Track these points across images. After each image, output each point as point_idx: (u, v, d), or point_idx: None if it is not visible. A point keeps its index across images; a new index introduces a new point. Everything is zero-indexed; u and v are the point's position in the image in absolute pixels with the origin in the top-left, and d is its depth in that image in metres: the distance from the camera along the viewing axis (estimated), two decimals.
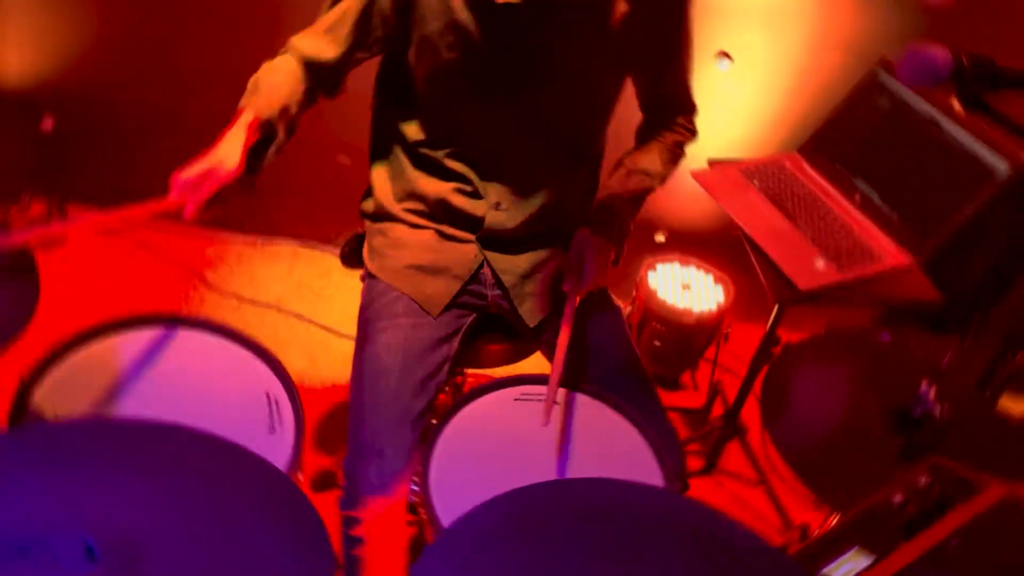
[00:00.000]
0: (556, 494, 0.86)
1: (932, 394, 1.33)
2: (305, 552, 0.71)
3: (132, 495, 0.75)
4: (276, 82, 1.54)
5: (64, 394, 1.35)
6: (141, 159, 2.90)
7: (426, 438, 1.46)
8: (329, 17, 1.56)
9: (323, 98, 1.62)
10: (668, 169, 1.72)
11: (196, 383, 1.42)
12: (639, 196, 1.70)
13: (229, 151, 1.44)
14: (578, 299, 1.57)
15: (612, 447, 1.48)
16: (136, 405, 1.36)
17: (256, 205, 2.95)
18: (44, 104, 2.79)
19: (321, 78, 1.59)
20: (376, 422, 1.52)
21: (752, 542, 0.90)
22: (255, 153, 1.53)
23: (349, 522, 1.52)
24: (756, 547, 0.90)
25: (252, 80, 1.55)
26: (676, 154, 1.73)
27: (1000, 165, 1.78)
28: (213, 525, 0.74)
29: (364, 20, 1.54)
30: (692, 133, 1.75)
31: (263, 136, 1.52)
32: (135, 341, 1.47)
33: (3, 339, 1.16)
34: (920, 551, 1.02)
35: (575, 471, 1.40)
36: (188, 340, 1.49)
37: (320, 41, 1.56)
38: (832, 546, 1.10)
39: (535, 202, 1.65)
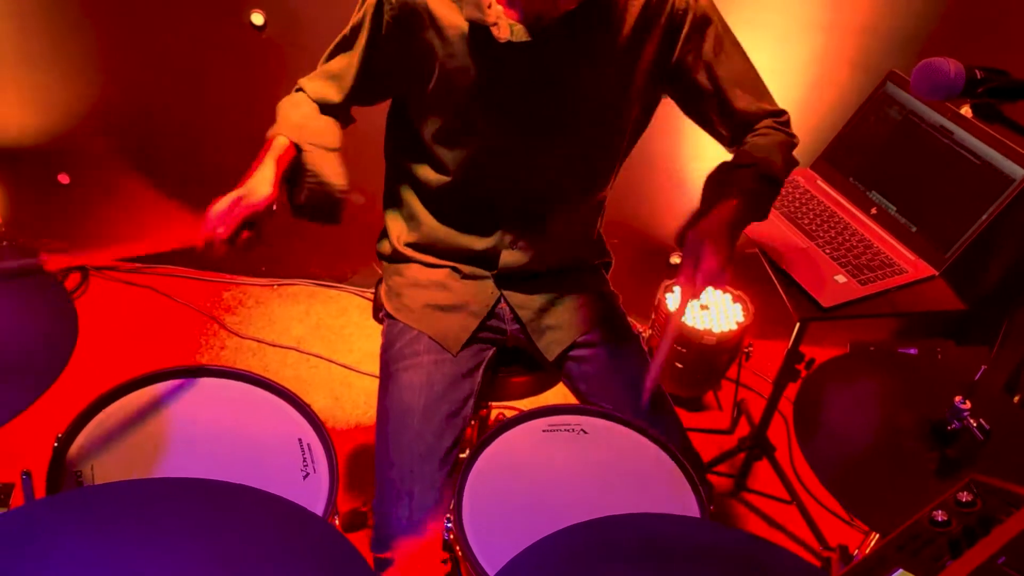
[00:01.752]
0: (596, 533, 0.85)
1: (967, 408, 1.32)
2: None
3: (179, 555, 0.75)
4: (302, 111, 1.57)
5: (99, 448, 1.36)
6: (153, 212, 2.94)
7: (457, 474, 1.45)
8: (333, 66, 1.58)
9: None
10: (776, 156, 1.55)
11: (230, 432, 1.42)
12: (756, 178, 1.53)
13: (261, 180, 1.45)
14: (690, 299, 1.43)
15: (644, 474, 1.47)
16: (173, 457, 1.36)
17: (269, 249, 2.99)
18: (60, 160, 2.83)
19: (334, 114, 1.62)
20: (403, 462, 1.52)
21: (798, 566, 0.90)
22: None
23: (381, 564, 1.51)
24: (805, 570, 0.89)
25: (278, 111, 1.58)
26: (786, 145, 1.58)
27: (1015, 170, 1.78)
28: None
29: (366, 72, 1.56)
30: (789, 135, 1.61)
31: (293, 165, 1.54)
32: (167, 392, 1.47)
33: (44, 381, 1.17)
34: (968, 570, 1.01)
35: (606, 499, 1.40)
36: (218, 389, 1.50)
37: (326, 85, 1.59)
38: (876, 568, 1.08)
39: (549, 239, 1.65)
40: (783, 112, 1.63)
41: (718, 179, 1.56)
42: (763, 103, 1.59)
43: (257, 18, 2.48)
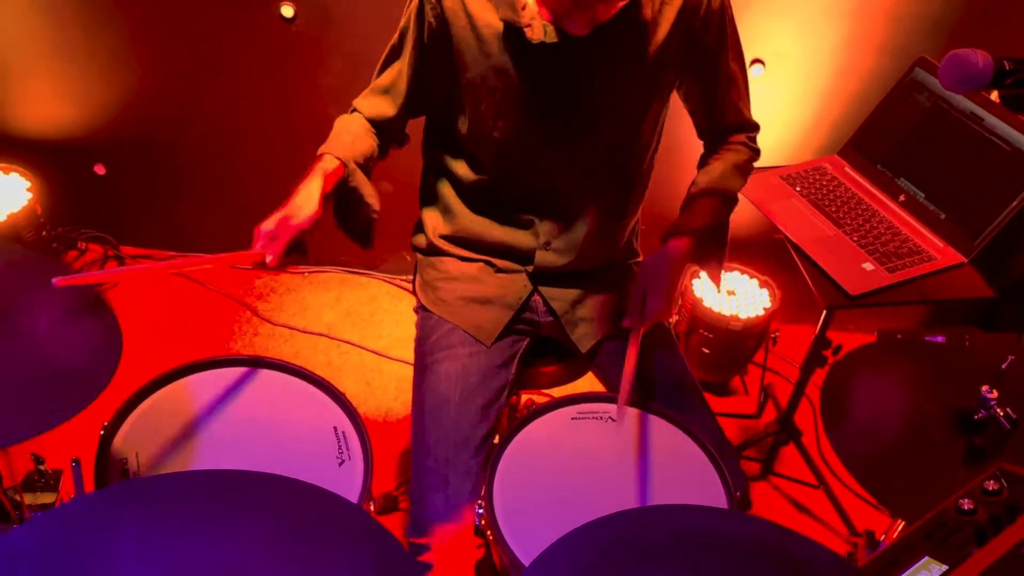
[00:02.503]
0: (626, 524, 0.88)
1: (994, 397, 1.33)
2: None
3: (227, 544, 0.79)
4: (353, 132, 1.60)
5: (143, 438, 1.40)
6: (188, 201, 2.99)
7: (488, 461, 1.49)
8: (384, 79, 1.61)
9: (394, 149, 1.70)
10: (736, 182, 1.69)
11: (267, 421, 1.47)
12: (718, 208, 1.68)
13: (306, 199, 1.49)
14: (640, 334, 1.57)
15: (671, 461, 1.50)
16: (212, 446, 1.41)
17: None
18: (97, 151, 2.88)
19: (389, 131, 1.66)
20: (439, 451, 1.56)
21: (828, 558, 0.92)
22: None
23: (418, 549, 1.55)
24: (832, 562, 0.91)
25: (333, 128, 1.61)
26: (743, 169, 1.71)
27: None
28: (312, 568, 0.77)
29: (417, 77, 1.59)
30: (755, 152, 1.73)
31: (340, 186, 1.58)
32: (205, 382, 1.52)
33: (94, 388, 1.22)
34: (994, 558, 1.02)
35: (634, 486, 1.43)
36: (256, 379, 1.54)
37: (379, 101, 1.62)
38: (903, 556, 1.10)
39: (584, 240, 1.67)
40: (757, 126, 1.73)
41: (683, 208, 1.69)
42: (746, 114, 1.70)
43: (287, 10, 2.51)
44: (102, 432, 1.38)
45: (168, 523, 0.80)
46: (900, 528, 1.55)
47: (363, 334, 2.85)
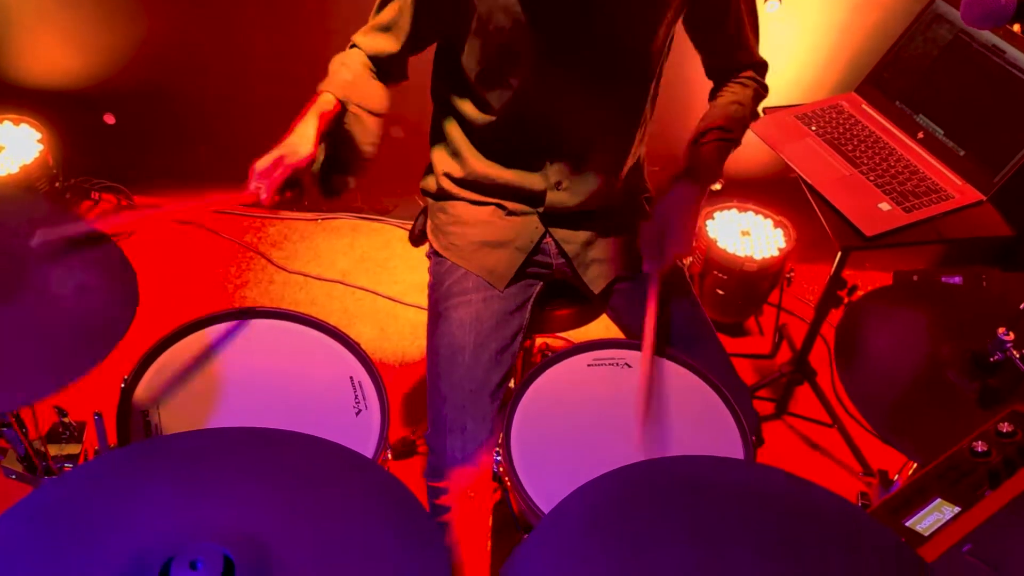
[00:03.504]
0: (642, 475, 0.89)
1: (1010, 339, 1.32)
2: (419, 547, 0.76)
3: (249, 501, 0.80)
4: (353, 70, 1.58)
5: (163, 391, 1.42)
6: (199, 148, 2.98)
7: (505, 408, 1.50)
8: (385, 15, 1.58)
9: (391, 86, 1.66)
10: (745, 111, 1.67)
11: (286, 372, 1.48)
12: (728, 128, 1.65)
13: (302, 138, 1.48)
14: (660, 277, 1.57)
15: (687, 407, 1.50)
16: (232, 398, 1.43)
17: (312, 182, 3.03)
18: (106, 101, 2.87)
19: (388, 70, 1.63)
20: (456, 398, 1.57)
21: (836, 504, 0.93)
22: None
23: (435, 492, 1.58)
24: (841, 508, 0.92)
25: (330, 67, 1.59)
26: (755, 99, 1.70)
27: None
28: (330, 524, 0.79)
29: (419, 14, 1.55)
30: (763, 87, 1.71)
31: (336, 123, 1.56)
32: (223, 335, 1.53)
33: (111, 340, 1.23)
34: (1006, 499, 1.03)
35: (650, 433, 1.44)
36: (273, 330, 1.55)
37: (381, 38, 1.59)
38: (915, 497, 1.11)
39: (595, 179, 1.65)
40: (766, 64, 1.71)
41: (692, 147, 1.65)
42: (756, 52, 1.68)
43: None
44: (123, 385, 1.40)
45: (189, 481, 0.82)
46: (914, 468, 1.56)
47: (377, 280, 2.86)
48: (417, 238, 1.88)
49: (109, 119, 2.90)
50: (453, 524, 1.60)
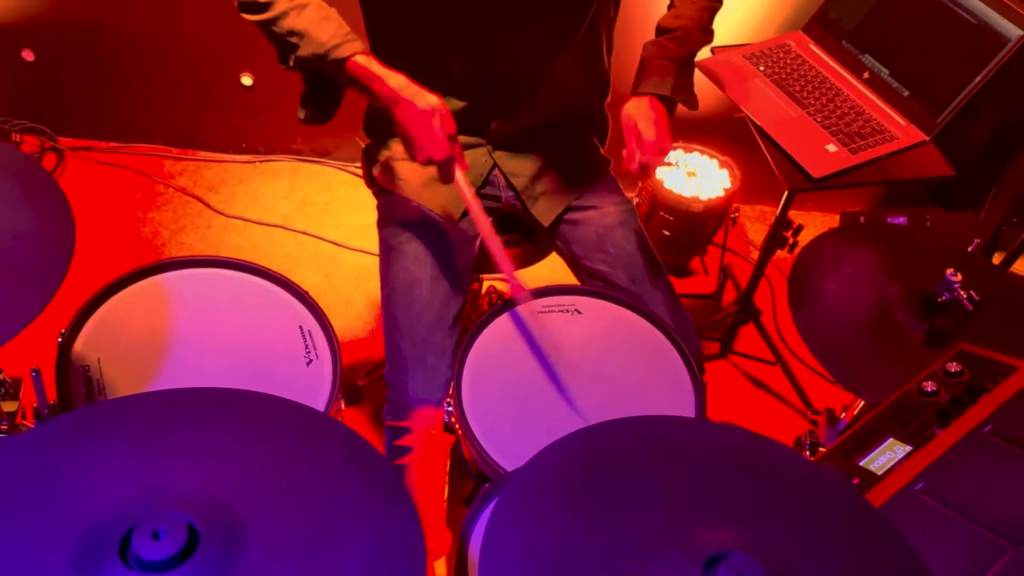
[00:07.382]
0: (597, 438, 0.88)
1: (958, 280, 1.34)
2: (387, 505, 0.74)
3: (207, 465, 0.77)
4: (327, 10, 1.48)
5: (104, 343, 1.37)
6: (124, 87, 2.84)
7: (454, 358, 1.49)
8: None
9: None
10: (703, 21, 1.64)
11: (232, 323, 1.43)
12: (689, 32, 1.62)
13: (416, 92, 1.41)
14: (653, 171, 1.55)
15: (636, 351, 1.51)
16: (178, 350, 1.38)
17: (248, 122, 2.91)
18: (25, 37, 2.70)
19: None
20: (415, 333, 1.56)
21: (789, 457, 0.94)
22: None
23: (396, 432, 1.57)
24: (795, 462, 0.94)
25: (306, 23, 1.46)
26: (709, 9, 1.66)
27: (1011, 30, 1.75)
28: (291, 483, 0.76)
29: None
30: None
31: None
32: (165, 284, 1.47)
33: (48, 289, 1.16)
34: (956, 438, 1.06)
35: (600, 381, 1.44)
36: (217, 279, 1.50)
37: None
38: (867, 438, 1.14)
39: (541, 98, 1.62)
40: None
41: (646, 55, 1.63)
42: None
43: None
44: (60, 340, 1.34)
45: (143, 447, 0.78)
46: (860, 406, 1.60)
47: (320, 224, 2.79)
48: (372, 183, 1.82)
49: (28, 55, 2.74)
50: (412, 466, 1.59)
